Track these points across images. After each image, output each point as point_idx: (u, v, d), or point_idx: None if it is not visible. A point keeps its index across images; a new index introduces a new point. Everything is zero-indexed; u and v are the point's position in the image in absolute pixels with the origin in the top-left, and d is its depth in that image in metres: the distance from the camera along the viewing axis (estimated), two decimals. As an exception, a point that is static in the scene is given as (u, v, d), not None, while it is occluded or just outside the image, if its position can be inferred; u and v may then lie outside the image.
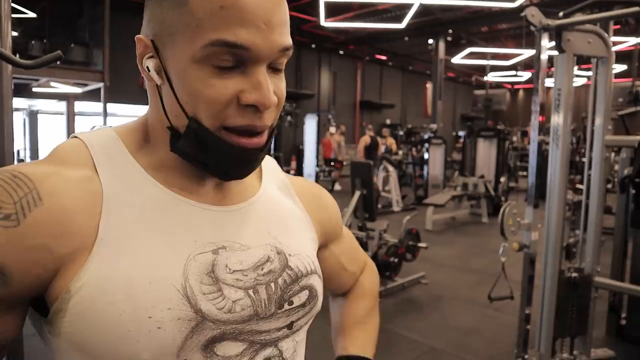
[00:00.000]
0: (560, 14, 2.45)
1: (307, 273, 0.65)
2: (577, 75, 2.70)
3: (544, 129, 7.30)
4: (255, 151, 0.56)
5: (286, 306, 0.61)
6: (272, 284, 0.60)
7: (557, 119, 2.55)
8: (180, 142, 0.55)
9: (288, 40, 0.55)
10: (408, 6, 9.92)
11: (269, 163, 0.74)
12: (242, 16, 0.50)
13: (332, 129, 13.28)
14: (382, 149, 11.11)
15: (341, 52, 17.23)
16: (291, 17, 0.60)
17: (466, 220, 8.09)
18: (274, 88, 0.55)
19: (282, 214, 0.68)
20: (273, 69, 0.56)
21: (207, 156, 0.56)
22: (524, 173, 12.98)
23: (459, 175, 9.55)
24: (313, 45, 16.06)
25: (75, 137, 0.59)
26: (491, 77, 15.83)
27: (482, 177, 8.25)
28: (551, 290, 2.58)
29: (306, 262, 0.66)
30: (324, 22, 10.56)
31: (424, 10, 10.97)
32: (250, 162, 0.58)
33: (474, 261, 5.47)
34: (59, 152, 0.57)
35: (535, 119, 2.64)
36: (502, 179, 8.96)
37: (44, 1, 8.20)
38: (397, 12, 11.49)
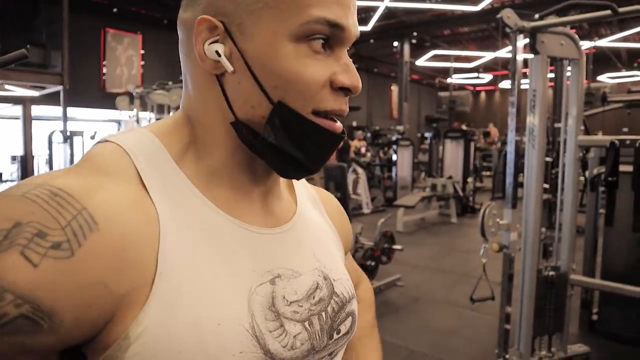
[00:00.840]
0: (536, 15, 2.48)
1: (349, 298, 0.60)
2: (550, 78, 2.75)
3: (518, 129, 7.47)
4: (339, 137, 0.51)
5: (335, 335, 0.56)
6: (323, 314, 0.55)
7: (533, 120, 2.58)
8: (266, 133, 0.48)
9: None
10: (374, 9, 9.99)
11: None
12: None
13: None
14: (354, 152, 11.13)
15: (307, 54, 17.23)
16: None
17: (436, 220, 8.18)
18: None
19: (320, 233, 0.63)
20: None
21: (295, 146, 0.49)
22: (488, 173, 13.29)
23: (427, 176, 9.67)
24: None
25: (108, 141, 0.49)
26: (454, 79, 16.14)
27: (450, 177, 8.37)
28: (530, 289, 2.61)
29: (347, 287, 0.61)
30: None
31: (389, 13, 11.09)
32: (333, 148, 0.52)
33: (446, 261, 5.52)
34: (96, 159, 0.47)
35: (513, 119, 2.66)
36: (470, 180, 9.12)
37: (-3, 1, 7.82)
38: (363, 15, 11.56)
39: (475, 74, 16.54)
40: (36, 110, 8.51)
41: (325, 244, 0.62)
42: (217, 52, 0.48)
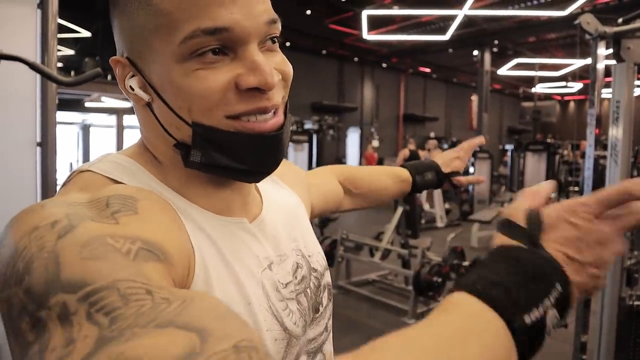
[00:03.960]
0: (620, 20, 2.29)
1: (323, 271, 0.64)
2: (638, 86, 2.53)
3: (599, 142, 6.94)
4: (275, 134, 0.49)
5: (320, 309, 0.60)
6: (308, 290, 0.59)
7: (616, 133, 2.37)
8: (193, 155, 0.48)
9: (271, 11, 0.48)
10: (452, 17, 9.76)
11: None
12: None
13: (375, 143, 13.19)
14: None
15: (384, 64, 17.15)
16: (333, 31, 0.53)
17: (514, 237, 7.75)
18: (273, 66, 0.48)
19: (287, 211, 0.64)
20: (268, 45, 0.49)
21: (227, 158, 0.48)
22: (576, 188, 12.40)
23: (507, 190, 9.21)
24: (356, 59, 16.07)
25: (86, 170, 0.50)
26: (539, 88, 15.30)
27: (530, 192, 7.91)
28: (610, 319, 2.38)
29: (321, 259, 0.64)
30: (366, 36, 10.54)
31: (469, 21, 10.77)
32: (271, 147, 0.50)
33: (522, 281, 5.20)
34: (78, 185, 0.48)
35: (592, 133, 2.46)
36: (553, 195, 8.57)
37: (98, 20, 8.58)
38: (441, 24, 11.33)
39: (563, 83, 15.57)
40: (128, 119, 9.20)
41: (295, 219, 0.64)
42: (130, 86, 0.49)
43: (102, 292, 0.31)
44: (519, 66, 14.27)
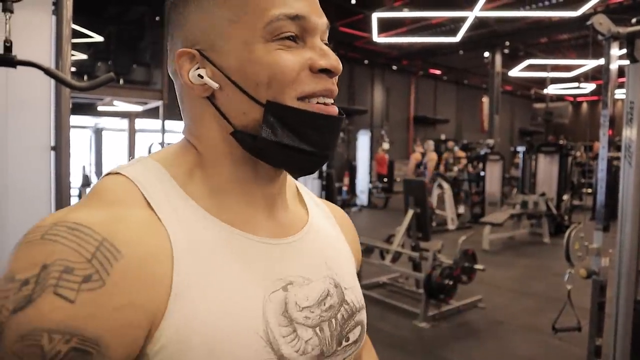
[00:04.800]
0: (633, 20, 2.26)
1: (359, 308, 0.62)
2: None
3: (613, 143, 6.85)
4: (338, 119, 0.54)
5: (344, 343, 0.57)
6: (333, 320, 0.57)
7: (630, 134, 2.34)
8: (264, 131, 0.50)
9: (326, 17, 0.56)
10: (463, 19, 9.71)
11: (303, 188, 0.70)
12: None
13: (385, 145, 13.15)
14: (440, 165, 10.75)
15: (394, 67, 17.12)
16: (344, 33, 0.58)
17: (526, 240, 7.69)
18: None
19: (332, 244, 0.64)
20: (326, 45, 0.55)
21: (296, 137, 0.51)
22: (589, 190, 12.27)
23: (518, 192, 9.13)
24: (366, 61, 16.07)
25: (115, 172, 0.51)
26: (552, 89, 15.16)
27: (543, 194, 7.83)
28: (625, 323, 2.35)
29: (359, 296, 0.63)
30: (376, 38, 10.53)
31: (480, 22, 10.72)
32: (335, 131, 0.54)
33: (534, 285, 5.15)
34: (104, 191, 0.49)
35: (605, 134, 2.44)
36: (565, 197, 8.48)
37: (111, 26, 8.68)
38: (452, 26, 11.29)
39: (576, 84, 15.42)
40: (139, 123, 9.28)
41: (338, 253, 0.64)
42: (199, 75, 0.52)
43: None
44: (530, 67, 14.14)
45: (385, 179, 12.71)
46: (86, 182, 9.09)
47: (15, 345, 0.38)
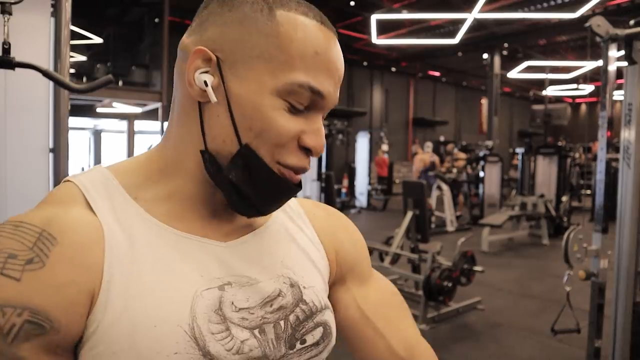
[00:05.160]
0: (631, 22, 2.27)
1: (321, 308, 0.60)
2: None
3: (612, 145, 6.87)
4: (298, 188, 0.56)
5: (298, 345, 0.56)
6: (282, 322, 0.55)
7: (628, 136, 2.35)
8: (227, 170, 0.52)
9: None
10: (462, 21, 9.73)
11: None
12: (329, 67, 0.53)
13: (384, 147, 13.16)
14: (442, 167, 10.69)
15: (393, 69, 17.13)
16: (343, 35, 0.57)
17: (525, 241, 7.69)
18: None
19: (295, 242, 0.64)
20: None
21: (252, 188, 0.53)
22: (588, 191, 12.27)
23: (517, 194, 9.14)
24: (365, 63, 16.08)
25: (67, 180, 0.55)
26: (550, 91, 15.18)
27: (542, 196, 7.84)
28: (624, 324, 2.35)
29: (320, 296, 0.61)
30: (375, 40, 10.54)
31: (478, 24, 10.74)
32: (288, 198, 0.56)
33: (534, 286, 5.16)
34: (51, 196, 0.53)
35: (603, 136, 2.44)
36: (564, 199, 8.48)
37: (110, 27, 8.68)
38: (451, 28, 11.31)
39: (574, 86, 15.44)
40: (138, 125, 9.28)
41: (301, 252, 0.63)
42: (205, 82, 0.51)
43: None
44: (529, 69, 14.17)
45: (385, 181, 12.73)
46: (85, 183, 9.08)
47: None
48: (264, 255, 0.59)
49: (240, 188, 0.52)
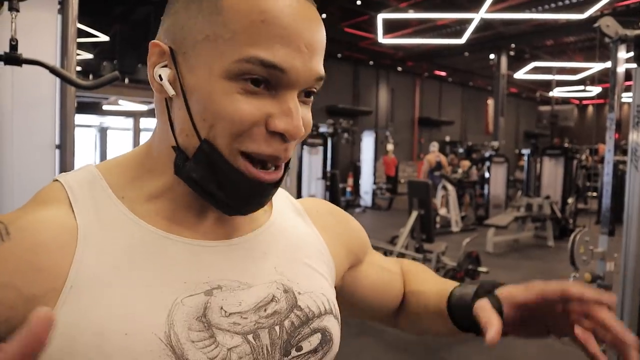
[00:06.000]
0: (640, 23, 2.25)
1: (320, 314, 0.57)
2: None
3: (619, 147, 6.82)
4: (270, 186, 0.51)
5: (293, 352, 0.53)
6: (277, 327, 0.52)
7: (637, 138, 2.33)
8: (188, 166, 0.49)
9: (322, 69, 0.50)
10: (468, 21, 9.70)
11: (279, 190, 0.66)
12: (284, 34, 0.46)
13: (390, 146, 13.14)
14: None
15: (399, 68, 17.10)
16: (349, 34, 0.54)
17: (530, 243, 7.66)
18: (302, 117, 0.49)
19: (293, 246, 0.61)
20: (303, 98, 0.50)
21: (216, 186, 0.49)
22: (594, 193, 12.20)
23: (523, 195, 9.10)
24: (371, 62, 16.05)
25: (56, 179, 0.54)
26: (557, 92, 15.10)
27: (547, 197, 7.80)
28: (630, 328, 2.33)
29: (319, 301, 0.58)
30: (381, 39, 10.52)
31: (485, 24, 10.69)
32: (262, 197, 0.52)
33: (539, 288, 5.13)
34: (37, 195, 0.52)
35: (611, 138, 2.42)
36: (570, 200, 8.44)
37: (116, 25, 8.72)
38: (457, 27, 11.27)
39: (582, 87, 15.35)
40: (144, 122, 9.31)
41: (300, 255, 0.60)
42: (160, 76, 0.49)
43: None
44: (536, 70, 14.10)
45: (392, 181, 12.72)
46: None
47: None
48: (257, 260, 0.56)
49: (205, 187, 0.49)
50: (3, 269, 0.43)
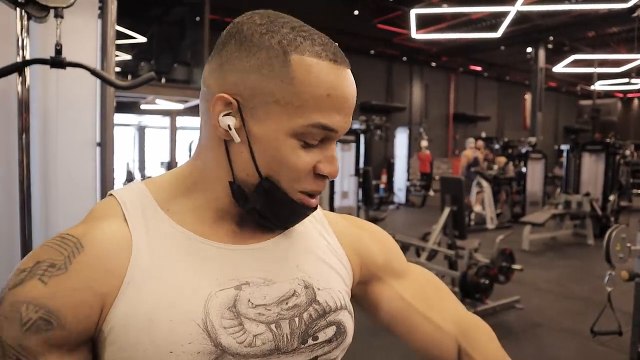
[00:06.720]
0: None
1: (336, 308, 0.64)
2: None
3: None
4: (314, 209, 0.63)
5: (310, 341, 0.61)
6: (297, 319, 0.60)
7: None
8: (252, 197, 0.60)
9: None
10: (504, 14, 9.48)
11: None
12: (341, 105, 0.57)
13: (424, 143, 13.00)
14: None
15: (433, 64, 16.88)
16: (382, 30, 0.60)
17: (568, 241, 7.45)
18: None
19: (313, 248, 0.69)
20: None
21: (271, 211, 0.61)
22: (639, 191, 11.73)
23: (562, 192, 8.85)
24: (404, 58, 15.91)
25: (110, 194, 0.64)
26: (599, 85, 14.58)
27: (587, 194, 7.56)
28: (668, 327, 2.26)
29: (336, 297, 0.65)
30: (415, 35, 10.42)
31: (522, 17, 10.43)
32: (304, 217, 0.64)
33: (576, 287, 5.00)
34: (96, 210, 0.62)
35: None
36: (612, 197, 8.15)
37: (153, 27, 8.96)
38: (493, 21, 11.04)
39: (626, 80, 14.75)
40: (180, 121, 9.54)
41: (319, 257, 0.68)
42: (229, 125, 0.57)
43: None
44: (576, 63, 13.64)
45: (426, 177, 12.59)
46: (130, 177, 9.41)
47: (6, 309, 0.52)
48: (281, 260, 0.64)
49: (263, 213, 0.60)
50: (82, 275, 0.54)
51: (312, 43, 0.56)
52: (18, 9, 1.46)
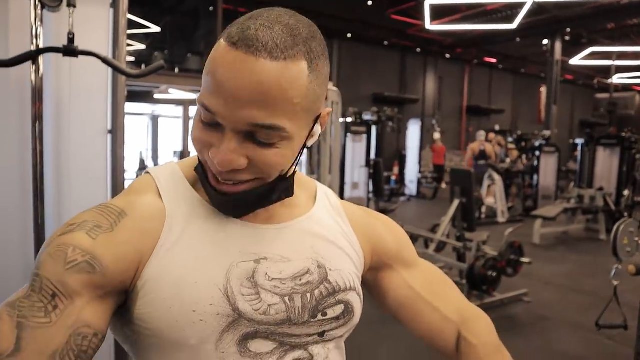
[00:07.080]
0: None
1: (345, 289, 0.69)
2: None
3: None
4: (236, 196, 0.62)
5: (319, 316, 0.65)
6: (308, 294, 0.65)
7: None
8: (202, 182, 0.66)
9: (263, 118, 0.56)
10: (520, 5, 9.34)
11: (325, 190, 0.80)
12: (216, 88, 0.56)
13: (436, 135, 12.92)
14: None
15: (448, 55, 16.72)
16: (395, 21, 0.59)
17: (580, 236, 7.40)
18: (248, 153, 0.58)
19: (328, 233, 0.73)
20: (259, 141, 0.58)
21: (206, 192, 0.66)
22: (655, 186, 11.53)
23: (575, 186, 8.76)
24: (418, 49, 15.78)
25: (147, 172, 0.71)
26: (617, 79, 14.33)
27: (600, 189, 7.49)
28: (675, 321, 2.24)
29: (347, 279, 0.69)
30: (429, 26, 10.32)
31: (538, 8, 10.27)
32: (228, 204, 0.64)
33: (586, 282, 4.98)
34: (135, 186, 0.69)
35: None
36: (626, 192, 8.05)
37: (167, 16, 8.99)
38: (508, 12, 10.89)
39: (644, 73, 14.46)
40: (194, 110, 9.59)
41: (333, 242, 0.72)
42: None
43: (36, 277, 0.55)
44: (593, 55, 13.39)
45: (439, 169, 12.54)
46: (142, 166, 9.51)
47: (52, 249, 0.57)
48: (298, 241, 0.69)
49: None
50: (127, 234, 0.60)
51: (239, 28, 0.55)
52: (32, -2, 1.50)
